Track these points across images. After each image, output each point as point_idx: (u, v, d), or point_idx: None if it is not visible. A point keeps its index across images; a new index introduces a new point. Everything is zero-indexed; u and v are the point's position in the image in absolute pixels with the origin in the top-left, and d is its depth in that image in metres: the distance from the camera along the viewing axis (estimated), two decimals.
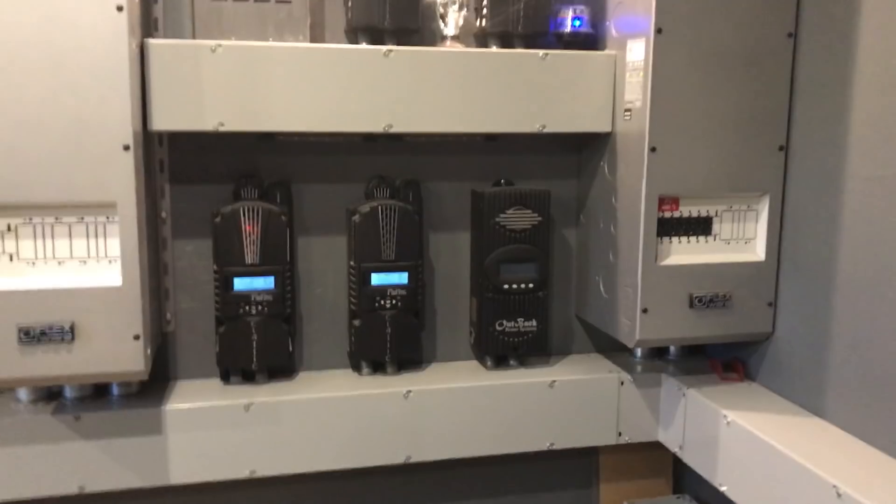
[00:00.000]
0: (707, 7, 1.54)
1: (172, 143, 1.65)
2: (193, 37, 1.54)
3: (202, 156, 1.67)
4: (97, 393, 1.59)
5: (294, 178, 1.73)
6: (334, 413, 1.65)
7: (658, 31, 1.52)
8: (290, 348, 1.69)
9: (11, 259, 1.37)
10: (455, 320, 1.85)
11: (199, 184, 1.68)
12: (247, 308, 1.63)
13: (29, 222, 1.37)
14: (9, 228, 1.37)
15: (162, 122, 1.47)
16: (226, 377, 1.69)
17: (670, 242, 1.64)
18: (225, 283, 1.62)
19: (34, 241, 1.38)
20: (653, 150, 1.56)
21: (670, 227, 1.63)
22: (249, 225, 1.61)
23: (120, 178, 1.36)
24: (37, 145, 1.32)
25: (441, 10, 1.69)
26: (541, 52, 1.64)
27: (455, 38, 1.69)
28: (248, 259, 1.62)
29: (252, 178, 1.68)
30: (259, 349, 1.65)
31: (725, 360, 1.79)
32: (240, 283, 1.63)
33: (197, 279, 1.69)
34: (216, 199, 1.65)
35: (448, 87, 1.60)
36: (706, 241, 1.66)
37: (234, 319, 1.63)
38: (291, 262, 1.69)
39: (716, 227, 1.67)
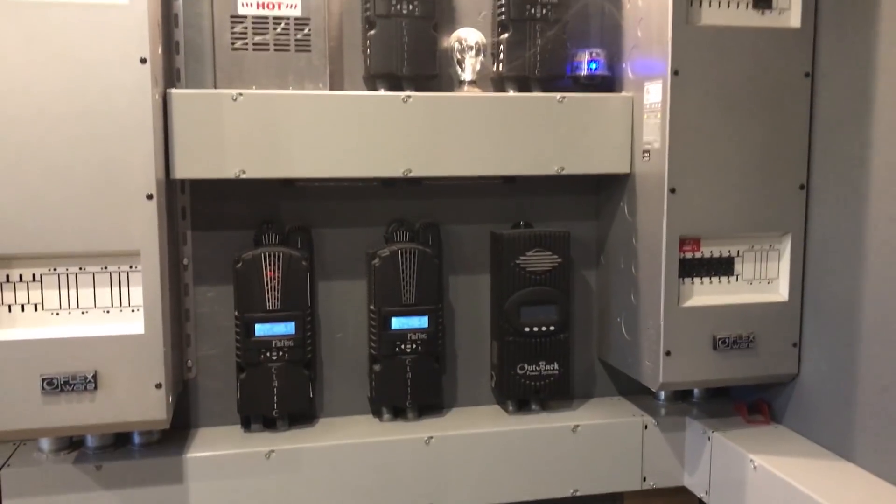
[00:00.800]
0: (723, 48, 1.55)
1: (194, 189, 1.66)
2: (215, 86, 1.56)
3: (223, 202, 1.69)
4: (118, 441, 1.59)
5: (314, 223, 1.74)
6: (355, 460, 1.64)
7: (675, 73, 1.53)
8: (311, 394, 1.69)
9: (36, 309, 1.38)
10: (476, 364, 1.84)
11: (221, 230, 1.69)
12: (268, 354, 1.63)
13: (53, 272, 1.38)
14: (34, 278, 1.38)
15: (184, 170, 1.49)
16: (247, 424, 1.69)
17: (692, 283, 1.63)
18: (246, 330, 1.62)
19: (58, 290, 1.39)
20: (672, 190, 1.56)
21: (692, 268, 1.62)
22: (270, 270, 1.62)
23: (143, 227, 1.37)
24: (62, 195, 1.34)
25: (458, 55, 1.71)
26: (558, 95, 1.65)
27: (472, 82, 1.71)
28: (270, 305, 1.62)
29: (273, 223, 1.69)
30: (280, 396, 1.65)
31: (750, 402, 1.76)
32: (261, 329, 1.63)
33: (218, 325, 1.70)
34: (237, 245, 1.66)
35: (466, 131, 1.62)
36: (728, 282, 1.65)
37: (255, 366, 1.63)
38: (312, 306, 1.69)
39: (738, 267, 1.66)
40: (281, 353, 1.63)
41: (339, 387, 1.77)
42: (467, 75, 1.71)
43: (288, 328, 1.64)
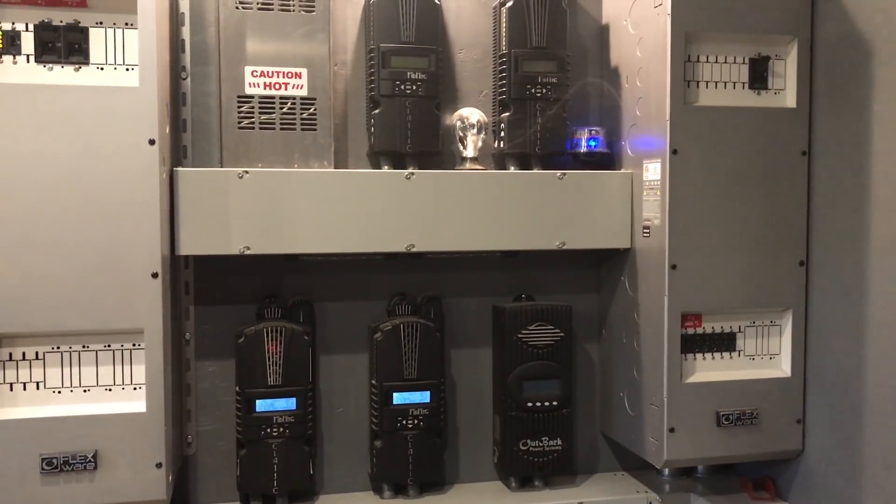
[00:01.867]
0: (721, 127, 1.58)
1: (197, 265, 1.67)
2: (221, 164, 1.59)
3: (226, 277, 1.69)
4: None
5: (317, 297, 1.74)
6: None
7: (673, 151, 1.56)
8: (311, 471, 1.67)
9: (38, 387, 1.38)
10: (478, 439, 1.83)
11: (223, 304, 1.70)
12: (268, 430, 1.62)
13: (56, 350, 1.39)
14: (36, 356, 1.38)
15: (189, 247, 1.50)
16: (246, 501, 1.66)
17: (695, 359, 1.63)
18: (247, 405, 1.61)
19: (60, 368, 1.39)
20: (673, 267, 1.57)
21: (694, 344, 1.63)
22: (273, 345, 1.62)
23: (148, 305, 1.38)
24: (67, 274, 1.35)
25: (460, 133, 1.74)
26: (558, 172, 1.67)
27: (474, 159, 1.73)
28: (271, 380, 1.62)
29: (275, 297, 1.70)
30: (280, 473, 1.63)
31: (755, 478, 1.74)
32: (262, 405, 1.62)
33: (219, 400, 1.69)
34: (240, 320, 1.66)
35: (468, 207, 1.64)
36: (731, 358, 1.65)
37: (256, 442, 1.62)
38: (313, 381, 1.69)
39: (740, 342, 1.66)
40: (282, 429, 1.62)
41: (340, 463, 1.76)
42: (469, 152, 1.74)
43: (289, 404, 1.63)
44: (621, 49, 1.75)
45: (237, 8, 1.57)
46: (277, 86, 1.60)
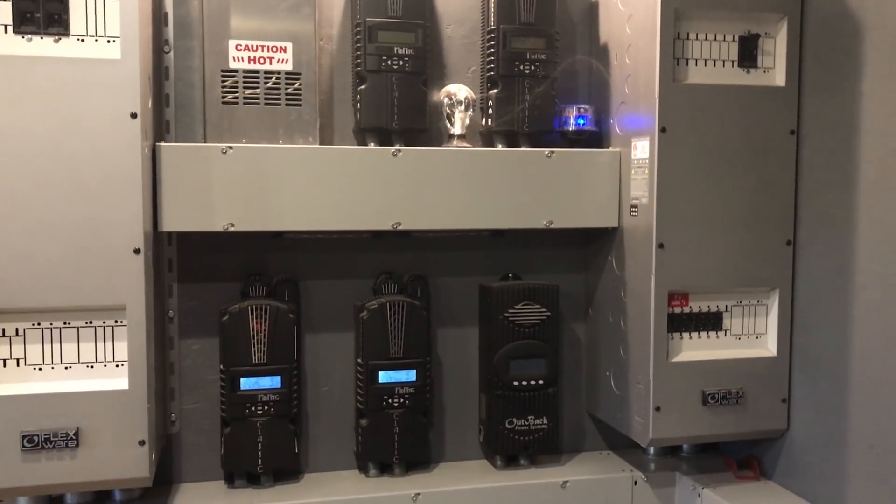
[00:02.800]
0: (709, 106, 1.57)
1: (181, 242, 1.65)
2: (205, 139, 1.56)
3: (210, 254, 1.67)
4: (98, 498, 1.55)
5: (302, 276, 1.73)
6: None
7: (662, 130, 1.55)
8: (296, 449, 1.66)
9: (18, 364, 1.36)
10: (464, 418, 1.82)
11: (207, 282, 1.68)
12: (253, 408, 1.61)
13: (37, 326, 1.37)
14: (17, 333, 1.36)
15: (172, 223, 1.48)
16: (230, 480, 1.65)
17: (681, 338, 1.63)
18: (231, 383, 1.60)
19: (42, 345, 1.37)
20: (660, 245, 1.56)
21: (680, 323, 1.62)
22: (257, 323, 1.60)
23: (130, 281, 1.36)
24: (48, 250, 1.33)
25: (447, 110, 1.72)
26: (546, 150, 1.66)
27: (461, 137, 1.72)
28: (256, 358, 1.61)
29: (260, 276, 1.68)
30: (265, 451, 1.62)
31: (740, 457, 1.75)
32: (246, 383, 1.61)
33: (202, 379, 1.68)
34: (224, 298, 1.65)
35: (455, 184, 1.62)
36: (717, 337, 1.65)
37: (240, 420, 1.61)
38: (298, 360, 1.68)
39: (726, 322, 1.66)
40: (266, 408, 1.61)
41: (325, 442, 1.75)
42: (456, 130, 1.72)
43: (274, 382, 1.62)
44: (611, 26, 1.73)
45: None
46: (262, 60, 1.58)
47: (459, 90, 1.73)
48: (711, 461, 1.80)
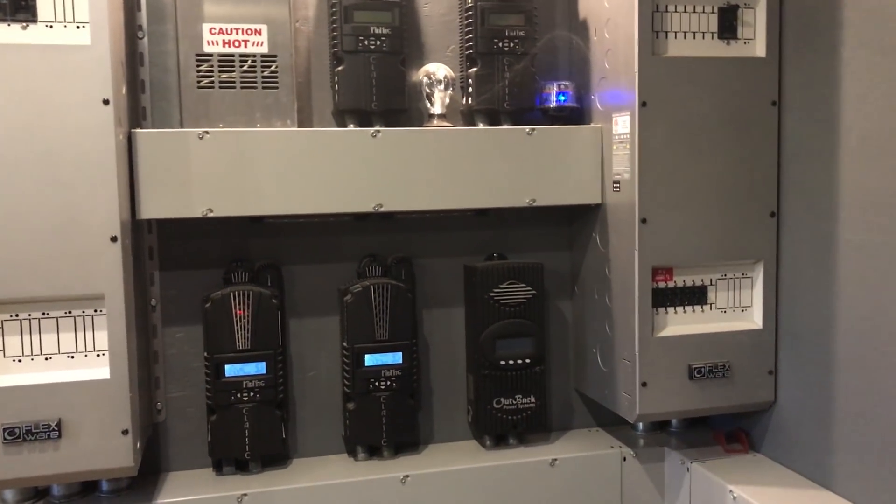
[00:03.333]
0: (690, 79, 1.56)
1: (161, 229, 1.64)
2: (182, 125, 1.54)
3: (191, 241, 1.66)
4: (85, 489, 1.55)
5: (285, 260, 1.71)
6: (330, 501, 1.60)
7: (642, 104, 1.54)
8: (284, 435, 1.65)
9: None
10: (452, 399, 1.82)
11: (189, 269, 1.67)
12: (238, 395, 1.60)
13: (15, 318, 1.35)
14: None
15: (150, 210, 1.47)
16: (218, 467, 1.65)
17: (666, 313, 1.62)
18: (216, 370, 1.59)
19: (20, 336, 1.35)
20: (643, 221, 1.56)
21: (665, 298, 1.62)
22: (240, 309, 1.59)
23: (108, 270, 1.34)
24: (23, 240, 1.31)
25: (427, 90, 1.71)
26: (527, 127, 1.65)
27: (442, 116, 1.70)
28: (240, 344, 1.59)
29: (242, 261, 1.67)
30: (252, 437, 1.61)
31: (729, 430, 1.75)
32: (231, 370, 1.60)
33: (187, 366, 1.67)
34: (206, 285, 1.63)
35: (437, 165, 1.61)
36: (702, 311, 1.65)
37: (226, 407, 1.60)
38: (283, 345, 1.67)
39: (711, 295, 1.65)
40: (252, 394, 1.60)
41: (313, 426, 1.74)
42: (436, 109, 1.70)
43: (259, 368, 1.61)
44: (589, 0, 1.71)
45: None
46: (237, 43, 1.56)
47: (438, 69, 1.71)
48: (700, 435, 1.81)
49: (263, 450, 1.64)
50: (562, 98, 1.73)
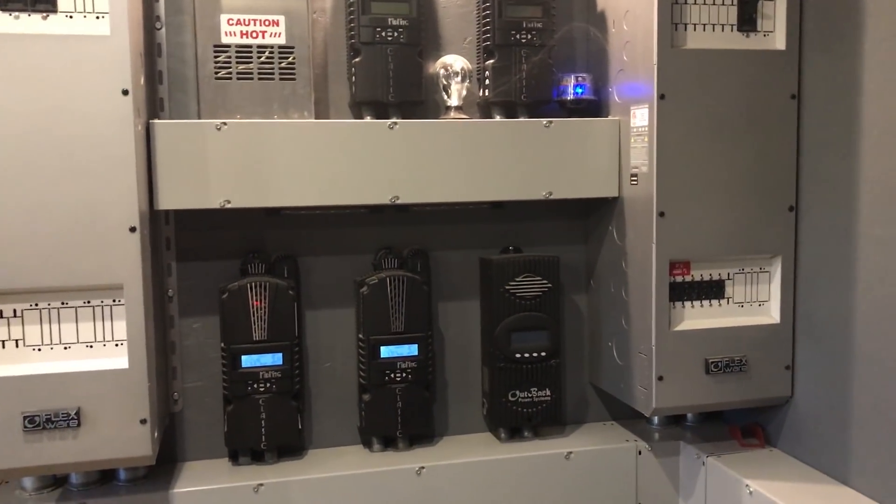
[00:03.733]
0: (709, 72, 1.55)
1: (178, 220, 1.64)
2: (199, 116, 1.55)
3: (208, 232, 1.67)
4: (103, 478, 1.56)
5: (301, 252, 1.72)
6: (346, 492, 1.61)
7: (661, 96, 1.53)
8: (300, 426, 1.66)
9: (17, 345, 1.36)
10: (467, 391, 1.82)
11: (206, 260, 1.67)
12: (255, 385, 1.60)
13: (35, 307, 1.36)
14: (14, 314, 1.35)
15: (168, 201, 1.47)
16: (234, 457, 1.66)
17: (683, 307, 1.62)
18: (233, 361, 1.60)
19: (40, 325, 1.36)
20: (661, 214, 1.55)
21: (682, 292, 1.61)
22: (257, 300, 1.60)
23: (126, 260, 1.35)
24: (43, 230, 1.32)
25: (444, 81, 1.70)
26: (544, 120, 1.64)
27: (458, 108, 1.70)
28: (256, 335, 1.60)
29: (259, 253, 1.67)
30: (268, 428, 1.62)
31: (745, 425, 1.75)
32: (248, 361, 1.60)
33: (204, 357, 1.67)
34: (223, 276, 1.64)
35: (453, 157, 1.61)
36: (720, 305, 1.64)
37: (243, 398, 1.61)
38: (299, 336, 1.67)
39: (728, 290, 1.64)
40: (268, 385, 1.61)
41: (328, 417, 1.75)
42: (453, 101, 1.70)
43: (275, 359, 1.62)
44: None
45: None
46: (254, 34, 1.56)
47: (455, 61, 1.71)
48: (716, 430, 1.80)
49: (279, 440, 1.65)
50: (579, 90, 1.72)
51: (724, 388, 1.61)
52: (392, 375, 1.67)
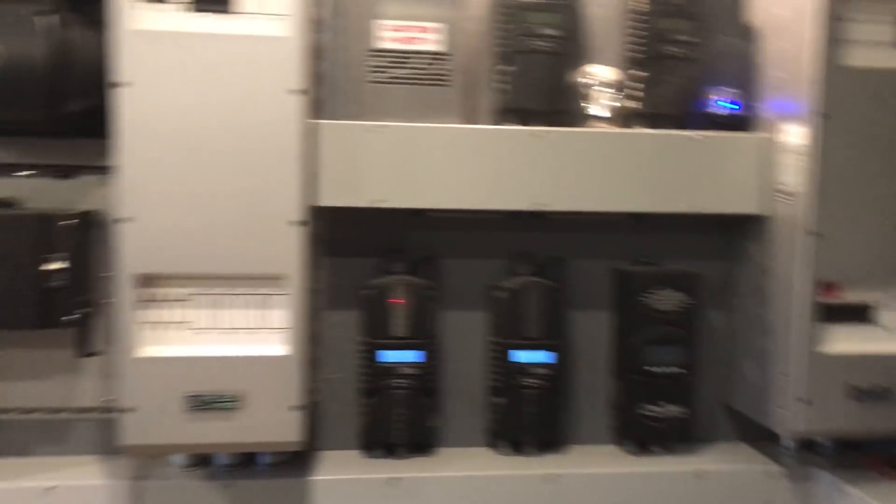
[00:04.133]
0: (870, 90, 1.51)
1: (325, 217, 1.69)
2: (353, 118, 1.59)
3: (352, 229, 1.71)
4: (247, 459, 1.62)
5: (439, 252, 1.75)
6: (474, 492, 1.63)
7: (819, 115, 1.50)
8: (432, 423, 1.69)
9: (184, 327, 1.43)
10: (595, 402, 1.81)
11: (349, 257, 1.72)
12: (391, 381, 1.64)
13: (202, 293, 1.43)
14: (182, 298, 1.42)
15: (327, 198, 1.52)
16: (368, 450, 1.70)
17: (830, 329, 1.57)
18: (372, 356, 1.64)
19: (205, 310, 1.43)
20: (814, 234, 1.52)
21: (830, 314, 1.57)
22: (397, 298, 1.64)
23: (289, 252, 1.41)
24: (214, 218, 1.39)
25: (590, 91, 1.71)
26: (692, 133, 1.63)
27: (604, 118, 1.70)
28: (396, 332, 1.64)
29: (400, 252, 1.71)
30: (402, 423, 1.65)
31: (886, 455, 1.69)
32: (386, 356, 1.64)
33: (343, 350, 1.72)
34: (364, 272, 1.69)
35: (596, 166, 1.61)
36: (870, 330, 1.59)
37: (379, 392, 1.65)
38: (435, 336, 1.70)
39: (879, 315, 1.59)
40: (405, 381, 1.65)
41: (459, 417, 1.77)
42: (599, 111, 1.71)
43: (412, 356, 1.65)
44: (763, 6, 1.68)
45: None
46: (410, 40, 1.60)
47: (602, 71, 1.72)
48: (853, 457, 1.74)
49: (412, 436, 1.68)
50: (728, 105, 1.70)
51: (871, 416, 1.56)
52: (524, 380, 1.68)
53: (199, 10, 1.37)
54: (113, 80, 1.35)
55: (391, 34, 1.60)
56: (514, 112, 1.67)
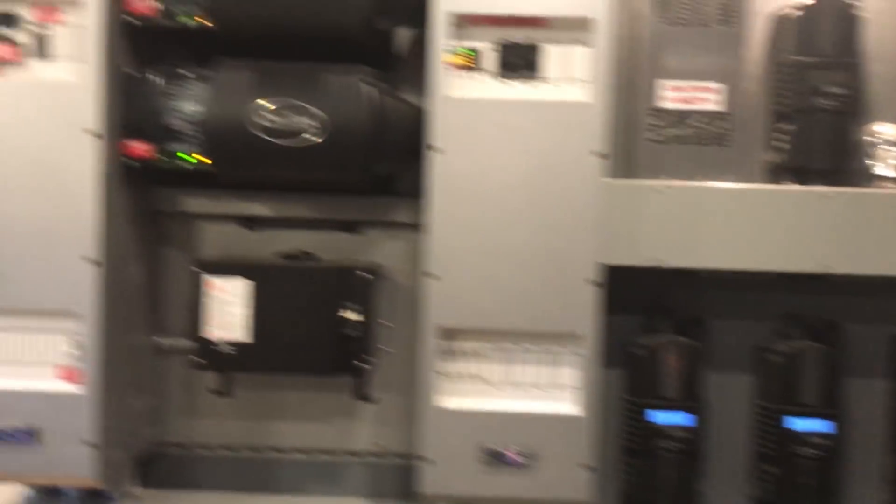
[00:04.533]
0: None
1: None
2: (632, 176, 1.60)
3: (616, 286, 1.71)
4: None
5: (705, 312, 1.72)
6: None
7: None
8: (699, 487, 1.65)
9: (479, 381, 1.47)
10: (868, 477, 1.70)
11: (613, 314, 1.71)
12: (661, 442, 1.62)
13: (497, 347, 1.47)
14: (479, 352, 1.47)
15: (611, 257, 1.53)
16: None
17: None
18: (640, 415, 1.62)
19: (500, 365, 1.47)
20: None
21: None
22: (668, 358, 1.62)
23: (585, 311, 1.43)
24: (514, 277, 1.43)
25: (875, 150, 1.64)
26: None
27: (890, 178, 1.63)
28: (667, 393, 1.62)
29: (667, 311, 1.69)
30: (670, 486, 1.62)
31: None
32: (656, 417, 1.62)
33: (606, 407, 1.70)
34: (626, 330, 1.67)
35: (887, 228, 1.54)
36: None
37: (646, 453, 1.62)
38: (704, 398, 1.67)
39: None
40: (674, 444, 1.61)
41: (724, 483, 1.71)
42: (885, 171, 1.63)
43: (683, 418, 1.62)
44: None
45: (658, 22, 1.59)
46: (692, 100, 1.60)
47: (888, 129, 1.65)
48: None
49: (677, 500, 1.64)
50: None
51: None
52: (799, 449, 1.61)
53: (505, 77, 1.43)
54: (428, 143, 1.42)
55: (672, 94, 1.60)
56: (792, 171, 1.63)
